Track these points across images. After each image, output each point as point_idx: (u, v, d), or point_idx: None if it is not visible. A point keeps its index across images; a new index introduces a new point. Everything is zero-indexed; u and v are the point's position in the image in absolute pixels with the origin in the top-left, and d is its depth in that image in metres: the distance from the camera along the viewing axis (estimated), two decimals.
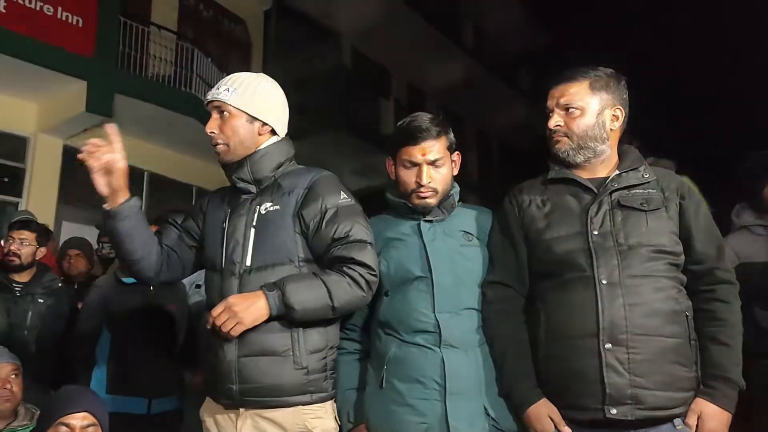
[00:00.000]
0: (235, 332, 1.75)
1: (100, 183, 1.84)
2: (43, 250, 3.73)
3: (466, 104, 15.39)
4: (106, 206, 1.87)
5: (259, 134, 1.94)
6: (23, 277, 3.62)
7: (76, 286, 4.17)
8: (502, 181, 15.89)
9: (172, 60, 8.94)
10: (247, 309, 1.75)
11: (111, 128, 1.85)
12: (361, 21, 13.08)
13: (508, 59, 17.87)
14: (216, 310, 1.77)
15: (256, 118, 1.92)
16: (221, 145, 1.92)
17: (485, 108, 16.52)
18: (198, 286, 3.60)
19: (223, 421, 1.89)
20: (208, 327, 1.79)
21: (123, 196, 1.86)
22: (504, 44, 17.85)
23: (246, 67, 10.95)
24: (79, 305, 3.71)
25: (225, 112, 1.91)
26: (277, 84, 2.02)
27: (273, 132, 1.97)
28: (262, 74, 2.02)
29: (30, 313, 3.53)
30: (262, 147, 1.94)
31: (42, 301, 3.61)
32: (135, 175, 9.11)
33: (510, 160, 17.85)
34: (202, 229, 2.03)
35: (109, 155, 1.83)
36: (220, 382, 1.84)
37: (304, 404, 1.82)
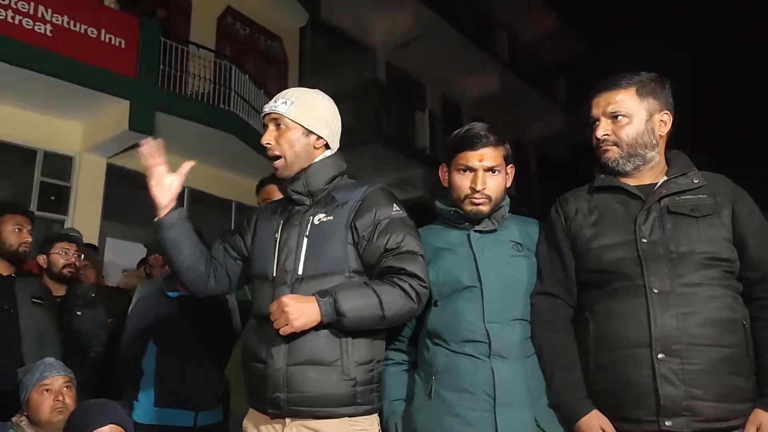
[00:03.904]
0: (284, 332, 1.76)
1: (158, 190, 1.95)
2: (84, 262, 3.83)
3: (502, 115, 15.31)
4: (155, 218, 1.98)
5: (315, 148, 1.96)
6: (60, 290, 3.64)
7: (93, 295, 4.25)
8: (541, 192, 15.78)
9: (211, 78, 9.09)
10: (300, 311, 1.75)
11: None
12: (395, 35, 13.18)
13: (544, 69, 17.74)
14: (271, 307, 1.78)
15: (311, 132, 1.95)
16: (279, 160, 1.95)
17: (522, 119, 16.42)
18: None
19: (266, 431, 1.90)
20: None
21: (169, 207, 1.97)
22: (539, 54, 17.75)
23: (282, 83, 11.11)
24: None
25: (281, 125, 1.95)
26: (331, 99, 2.04)
27: (327, 146, 2.00)
28: (318, 90, 2.05)
29: (70, 325, 3.58)
30: (317, 160, 1.97)
31: (80, 313, 3.65)
32: None
33: (548, 170, 17.69)
34: (252, 243, 2.05)
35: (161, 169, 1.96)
36: (268, 391, 1.84)
37: (350, 416, 1.82)
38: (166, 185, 1.95)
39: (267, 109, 1.97)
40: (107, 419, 2.08)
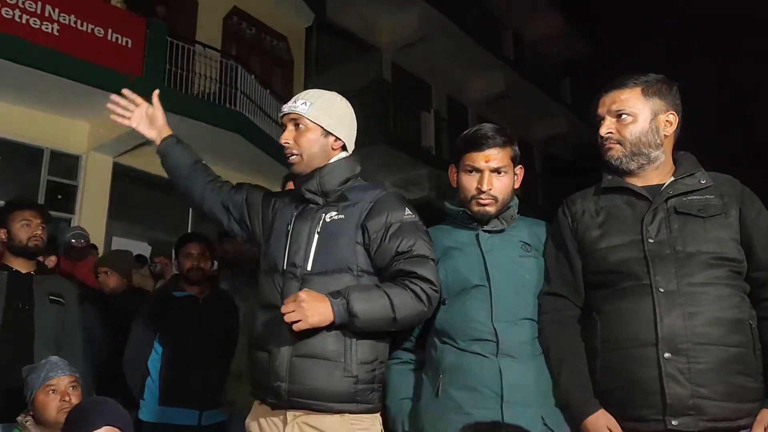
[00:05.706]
0: (297, 328, 1.76)
1: (146, 131, 2.26)
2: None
3: (507, 115, 15.28)
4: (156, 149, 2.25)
5: (332, 148, 2.00)
6: None
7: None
8: (545, 192, 15.74)
9: (217, 77, 9.10)
10: (315, 309, 1.76)
11: (127, 93, 2.29)
12: (400, 35, 13.18)
13: (549, 70, 17.71)
14: (287, 300, 1.78)
15: (330, 133, 1.99)
16: (295, 156, 1.98)
17: (527, 119, 16.39)
18: None
19: (268, 426, 1.92)
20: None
21: (160, 137, 2.25)
22: (544, 55, 17.71)
23: (288, 83, 11.11)
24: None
25: (301, 125, 1.98)
26: (348, 103, 2.08)
27: (344, 148, 2.03)
28: (336, 93, 2.08)
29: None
30: (332, 161, 2.00)
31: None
32: None
33: (552, 170, 17.65)
34: (270, 229, 2.07)
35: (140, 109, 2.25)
36: (271, 380, 1.87)
37: (350, 413, 1.84)
38: (149, 122, 2.24)
39: (286, 109, 2.00)
40: (101, 421, 2.05)
